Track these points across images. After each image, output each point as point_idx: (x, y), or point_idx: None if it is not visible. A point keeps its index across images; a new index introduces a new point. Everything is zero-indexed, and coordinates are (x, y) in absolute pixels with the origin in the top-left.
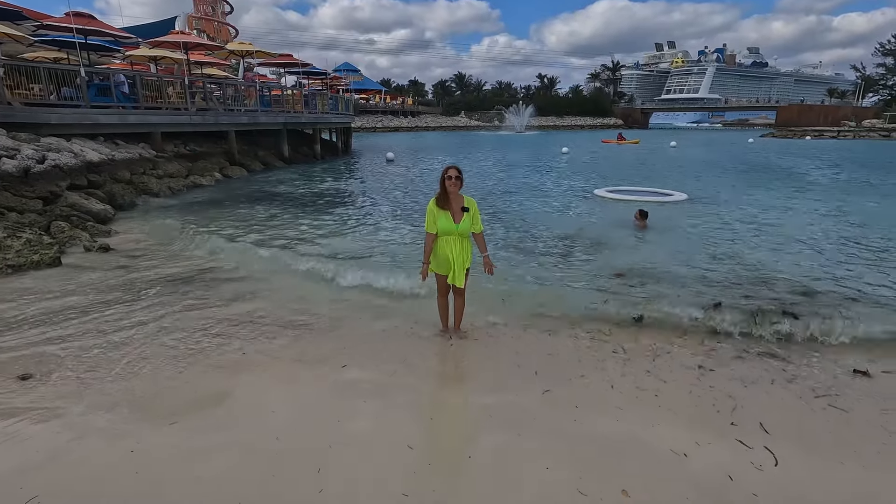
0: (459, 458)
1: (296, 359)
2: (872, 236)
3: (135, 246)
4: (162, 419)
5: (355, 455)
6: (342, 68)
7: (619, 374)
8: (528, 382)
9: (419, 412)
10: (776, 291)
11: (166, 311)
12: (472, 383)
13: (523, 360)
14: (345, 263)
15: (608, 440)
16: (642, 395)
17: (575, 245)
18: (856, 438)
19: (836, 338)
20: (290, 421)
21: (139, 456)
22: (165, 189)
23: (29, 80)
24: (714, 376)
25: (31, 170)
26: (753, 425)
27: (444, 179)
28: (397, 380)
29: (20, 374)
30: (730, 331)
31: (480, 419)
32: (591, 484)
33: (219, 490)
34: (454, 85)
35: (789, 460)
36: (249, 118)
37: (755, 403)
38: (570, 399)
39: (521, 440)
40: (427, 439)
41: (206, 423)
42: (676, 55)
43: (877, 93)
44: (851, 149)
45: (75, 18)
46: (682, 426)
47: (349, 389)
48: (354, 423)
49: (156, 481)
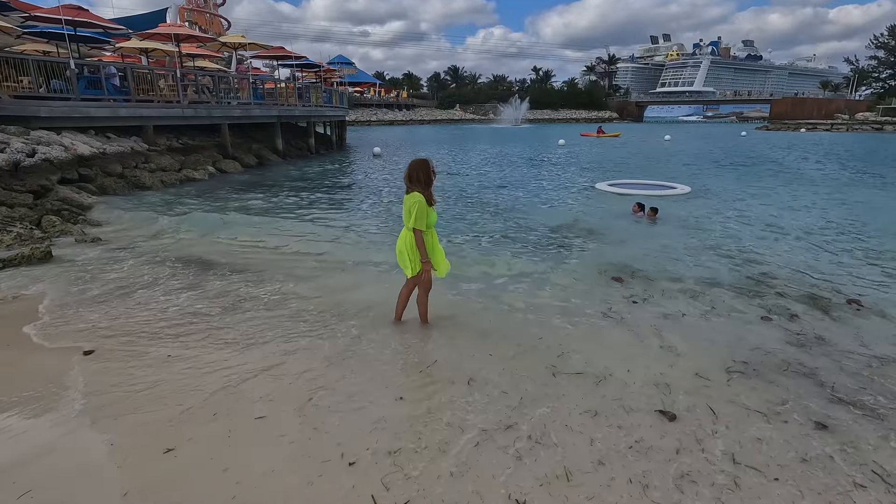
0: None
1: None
2: (870, 229)
3: (126, 238)
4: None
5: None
6: (336, 61)
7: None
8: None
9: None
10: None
11: (161, 297)
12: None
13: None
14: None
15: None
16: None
17: (572, 239)
18: None
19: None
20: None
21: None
22: (158, 183)
23: (18, 72)
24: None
25: (21, 163)
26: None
27: (431, 172)
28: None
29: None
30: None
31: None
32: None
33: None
34: (449, 78)
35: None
36: (242, 111)
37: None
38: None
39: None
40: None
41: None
42: (671, 48)
43: (869, 86)
44: (844, 142)
45: (65, 9)
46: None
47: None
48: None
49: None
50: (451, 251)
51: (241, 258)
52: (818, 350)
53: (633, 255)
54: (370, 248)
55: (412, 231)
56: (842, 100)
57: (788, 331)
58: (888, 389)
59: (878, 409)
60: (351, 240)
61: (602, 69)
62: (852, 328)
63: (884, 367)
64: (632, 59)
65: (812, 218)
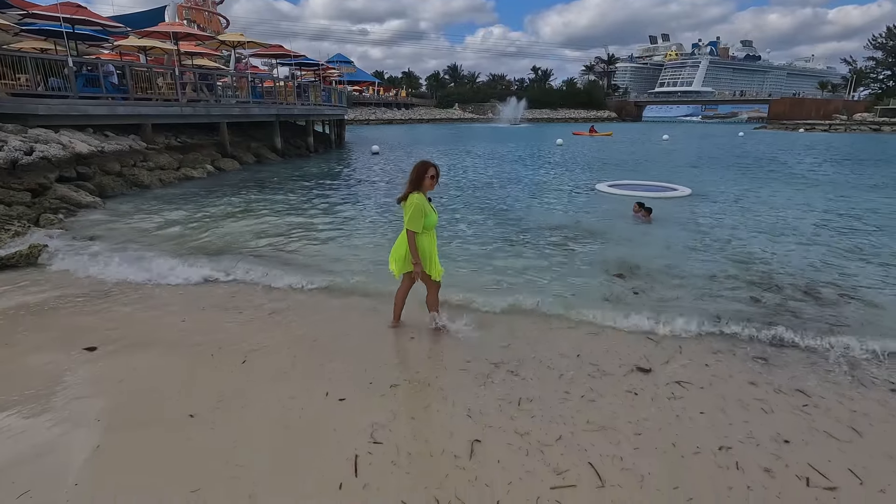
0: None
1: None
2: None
3: (124, 236)
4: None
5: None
6: (335, 59)
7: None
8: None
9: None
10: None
11: (156, 298)
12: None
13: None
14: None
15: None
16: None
17: (574, 240)
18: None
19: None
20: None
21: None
22: (156, 181)
23: (15, 70)
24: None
25: (19, 161)
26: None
27: (435, 175)
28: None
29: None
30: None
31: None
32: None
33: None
34: (448, 77)
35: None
36: (241, 110)
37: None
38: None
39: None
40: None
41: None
42: (670, 48)
43: (868, 86)
44: (842, 143)
45: (63, 7)
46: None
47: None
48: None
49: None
50: (450, 252)
51: (238, 254)
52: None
53: (633, 255)
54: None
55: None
56: (840, 100)
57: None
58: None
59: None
60: (351, 239)
61: (601, 69)
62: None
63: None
64: (631, 58)
65: (809, 218)
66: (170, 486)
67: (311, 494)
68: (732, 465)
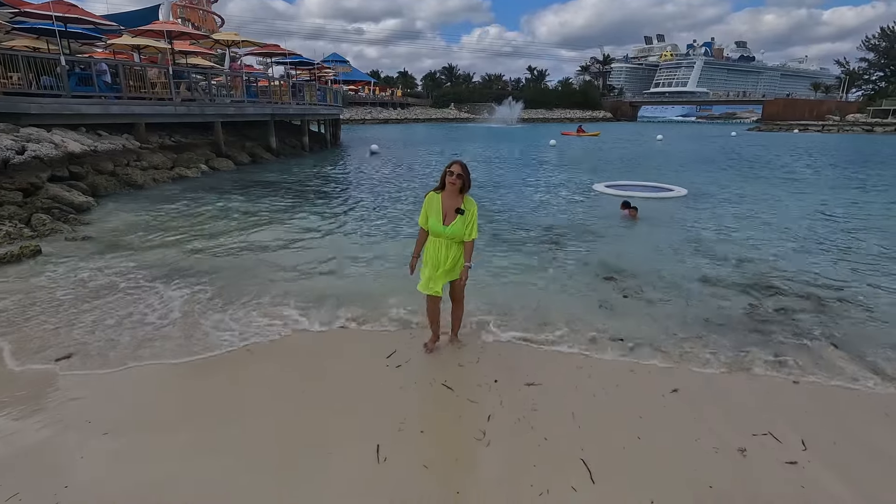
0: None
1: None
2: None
3: (116, 236)
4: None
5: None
6: (331, 59)
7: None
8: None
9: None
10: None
11: (149, 297)
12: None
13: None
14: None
15: None
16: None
17: (568, 241)
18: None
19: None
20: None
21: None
22: (150, 181)
23: (7, 68)
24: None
25: (11, 161)
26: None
27: (445, 174)
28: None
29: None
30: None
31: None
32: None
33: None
34: (444, 77)
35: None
36: (236, 109)
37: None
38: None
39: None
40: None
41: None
42: (665, 49)
43: (860, 87)
44: (835, 143)
45: (55, 5)
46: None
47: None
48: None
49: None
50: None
51: (232, 256)
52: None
53: (625, 255)
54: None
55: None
56: (833, 101)
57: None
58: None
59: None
60: (350, 238)
61: (597, 69)
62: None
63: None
64: (626, 59)
65: (806, 219)
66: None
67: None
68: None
